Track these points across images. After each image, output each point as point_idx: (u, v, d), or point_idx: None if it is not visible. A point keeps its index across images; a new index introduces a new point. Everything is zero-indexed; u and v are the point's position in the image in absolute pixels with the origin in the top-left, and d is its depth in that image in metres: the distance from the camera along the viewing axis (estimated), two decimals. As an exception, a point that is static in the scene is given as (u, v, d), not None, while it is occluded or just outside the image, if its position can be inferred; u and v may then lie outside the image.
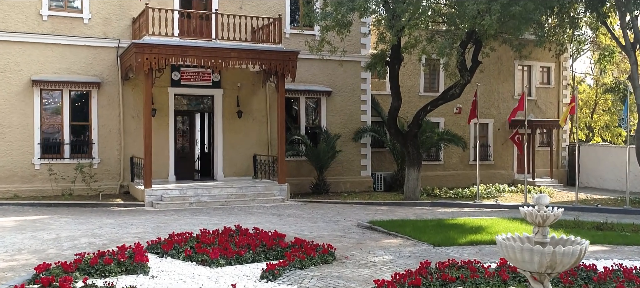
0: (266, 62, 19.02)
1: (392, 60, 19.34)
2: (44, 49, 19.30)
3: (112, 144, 20.12)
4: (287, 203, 18.99)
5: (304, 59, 22.01)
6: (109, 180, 20.05)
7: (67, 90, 19.59)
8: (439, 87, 26.56)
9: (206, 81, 21.19)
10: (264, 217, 15.77)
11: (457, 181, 26.58)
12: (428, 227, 13.80)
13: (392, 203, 19.84)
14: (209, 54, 18.26)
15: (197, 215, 16.00)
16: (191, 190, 18.46)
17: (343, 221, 15.22)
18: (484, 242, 12.17)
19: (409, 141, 19.92)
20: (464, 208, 19.27)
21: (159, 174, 20.43)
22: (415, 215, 17.07)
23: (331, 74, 23.22)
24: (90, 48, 19.81)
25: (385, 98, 25.42)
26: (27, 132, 19.13)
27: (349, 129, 23.55)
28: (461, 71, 18.63)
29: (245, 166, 21.78)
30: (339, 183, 23.09)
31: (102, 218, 15.19)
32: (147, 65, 17.50)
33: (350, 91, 23.59)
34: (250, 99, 21.89)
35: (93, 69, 19.88)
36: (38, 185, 19.15)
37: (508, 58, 27.87)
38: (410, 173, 19.98)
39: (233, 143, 21.63)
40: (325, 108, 23.21)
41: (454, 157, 26.91)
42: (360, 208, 18.65)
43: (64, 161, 19.48)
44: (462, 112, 26.81)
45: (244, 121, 21.72)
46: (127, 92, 20.27)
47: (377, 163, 24.94)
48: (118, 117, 20.14)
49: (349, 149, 23.03)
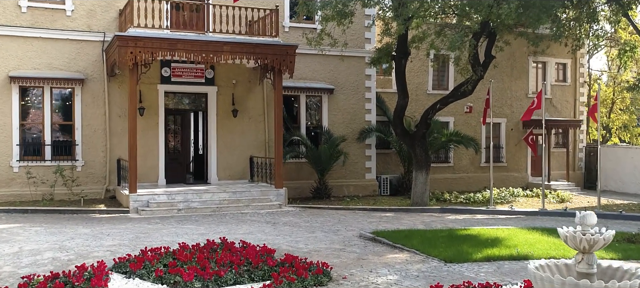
0: (262, 57, 17.57)
1: (398, 54, 17.85)
2: (23, 43, 17.93)
3: (97, 145, 18.73)
4: (284, 209, 17.54)
5: (304, 55, 20.59)
6: (94, 183, 18.65)
7: (49, 87, 18.21)
8: (449, 84, 25.05)
9: (199, 77, 19.77)
10: (256, 226, 14.32)
11: (467, 184, 25.09)
12: (438, 239, 12.30)
13: (399, 209, 18.35)
14: (199, 48, 16.83)
15: (184, 224, 14.57)
16: (180, 195, 17.04)
17: (344, 231, 13.74)
18: (503, 258, 10.68)
19: (417, 142, 18.42)
20: (476, 215, 17.78)
21: (148, 178, 19.05)
22: (424, 223, 15.58)
23: (333, 70, 21.76)
24: (73, 42, 18.43)
25: (391, 96, 23.94)
26: (5, 132, 17.76)
27: (353, 129, 22.09)
28: (474, 66, 17.12)
29: (241, 169, 20.35)
30: (341, 187, 21.62)
31: (78, 227, 13.78)
32: (132, 59, 16.09)
33: (354, 88, 22.11)
34: (247, 97, 20.46)
35: (76, 65, 18.49)
36: (16, 190, 17.78)
37: (521, 54, 26.34)
38: (418, 177, 18.49)
39: (228, 144, 20.20)
40: (327, 106, 21.75)
41: (464, 159, 25.39)
42: (363, 214, 17.18)
43: (44, 163, 18.10)
44: (473, 111, 25.30)
45: (240, 121, 20.29)
46: (113, 89, 18.87)
47: (382, 166, 23.47)
48: (103, 116, 18.75)
49: (353, 150, 21.55)
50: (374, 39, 22.29)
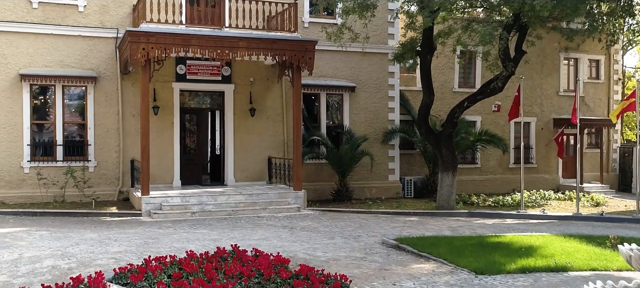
0: (280, 53, 16.77)
1: (423, 49, 16.90)
2: (34, 40, 17.39)
3: (110, 145, 18.11)
4: (302, 212, 16.72)
5: (324, 51, 19.78)
6: (107, 185, 18.04)
7: (60, 85, 17.64)
8: (476, 82, 24.01)
9: (215, 75, 19.05)
10: (273, 231, 13.52)
11: (495, 186, 24.02)
12: (467, 247, 11.36)
13: (424, 212, 17.41)
14: (214, 44, 16.08)
15: (197, 228, 13.83)
16: (195, 197, 16.32)
17: (365, 237, 12.87)
18: (539, 269, 9.71)
19: (443, 142, 17.46)
20: (506, 220, 16.76)
21: (163, 179, 18.40)
22: (451, 228, 14.63)
23: (355, 67, 20.89)
24: (85, 39, 17.84)
25: (415, 94, 22.99)
26: (15, 132, 17.23)
27: (375, 128, 21.18)
28: (504, 62, 16.10)
29: (259, 170, 19.58)
30: (363, 189, 20.74)
31: (85, 231, 13.12)
32: (144, 56, 15.41)
33: (376, 86, 21.21)
34: (265, 96, 19.68)
35: (89, 62, 17.90)
36: (27, 191, 17.23)
37: (552, 50, 25.19)
38: (444, 179, 17.53)
39: (245, 144, 19.45)
40: (348, 105, 20.88)
41: (492, 160, 24.30)
42: (386, 219, 16.28)
43: (56, 164, 17.52)
44: (501, 110, 24.21)
45: (258, 120, 19.53)
46: (126, 87, 18.24)
47: (406, 167, 22.53)
48: (117, 115, 18.13)
49: (375, 151, 20.63)
50: (397, 34, 21.36)
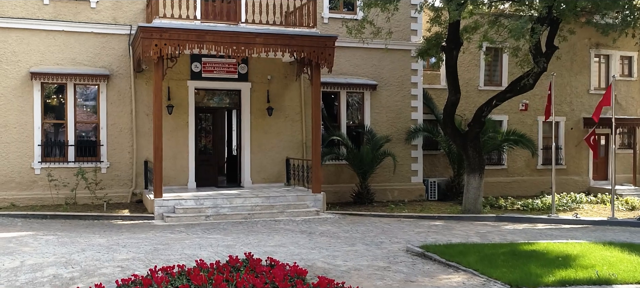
0: (298, 50, 16.05)
1: (449, 44, 16.05)
2: (45, 37, 16.88)
3: (123, 145, 17.55)
4: (322, 216, 15.97)
5: (344, 48, 19.06)
6: (120, 186, 17.48)
7: (72, 84, 17.13)
8: (502, 79, 23.06)
9: (231, 73, 18.39)
10: (290, 236, 12.79)
11: (523, 188, 23.06)
12: (499, 256, 10.50)
13: (449, 216, 16.55)
14: (230, 40, 15.41)
15: (211, 233, 13.15)
16: (209, 200, 15.66)
17: (388, 244, 12.08)
18: (580, 282, 8.83)
19: (469, 142, 16.59)
20: (536, 225, 15.84)
21: (177, 181, 17.81)
22: (479, 234, 13.77)
23: (376, 64, 20.09)
24: (98, 36, 17.30)
25: (438, 93, 22.15)
26: (26, 132, 16.74)
27: (397, 128, 20.36)
28: (535, 57, 15.18)
29: (276, 172, 18.88)
30: (385, 191, 19.94)
31: (94, 236, 12.51)
32: (157, 53, 14.80)
33: (399, 84, 20.39)
34: (283, 94, 18.98)
35: (101, 60, 17.36)
36: (38, 193, 16.73)
37: (582, 47, 24.15)
38: (470, 181, 16.66)
39: (262, 144, 18.77)
40: (370, 104, 20.09)
41: (519, 161, 23.33)
42: (410, 223, 15.47)
43: (67, 165, 17.00)
44: (528, 108, 23.27)
45: (275, 120, 18.84)
46: (140, 86, 17.67)
47: (429, 168, 21.68)
48: (130, 114, 17.56)
49: (398, 151, 19.80)
50: (421, 30, 20.53)
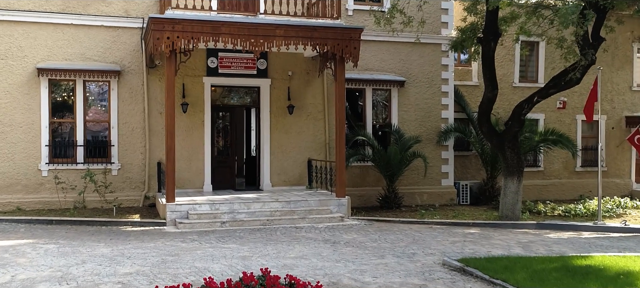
0: (321, 43, 14.85)
1: (486, 35, 14.71)
2: (53, 31, 15.94)
3: (136, 146, 16.53)
4: (346, 222, 14.76)
5: (370, 41, 17.86)
6: (131, 189, 16.47)
7: (81, 80, 16.15)
8: (538, 75, 21.63)
9: (250, 69, 17.27)
10: (312, 246, 11.60)
11: (560, 192, 21.59)
12: (550, 272, 9.19)
13: (485, 223, 15.22)
14: (247, 33, 14.28)
15: (226, 241, 12.02)
16: (226, 205, 14.54)
17: (421, 256, 10.84)
18: (653, 307, 7.55)
19: (507, 143, 15.24)
20: (582, 233, 14.44)
21: (193, 183, 16.76)
22: (520, 244, 12.44)
23: (404, 59, 18.82)
24: (108, 29, 16.31)
25: (470, 90, 20.80)
26: (33, 132, 15.80)
27: (427, 127, 19.06)
28: (583, 49, 13.78)
29: (298, 174, 17.72)
30: (413, 195, 18.65)
31: (98, 245, 11.47)
32: (169, 46, 13.72)
33: (428, 80, 19.08)
34: (304, 91, 17.81)
35: (112, 55, 16.36)
36: (46, 196, 15.79)
37: (624, 41, 22.57)
38: (508, 185, 15.31)
39: (283, 144, 17.63)
40: (397, 101, 18.81)
41: (557, 162, 21.85)
42: (442, 230, 14.18)
43: (76, 166, 16.03)
44: (566, 107, 21.81)
45: (296, 118, 17.68)
46: (153, 82, 16.64)
47: (460, 170, 20.33)
48: (142, 113, 16.54)
49: (427, 152, 18.46)
50: (452, 23, 19.20)
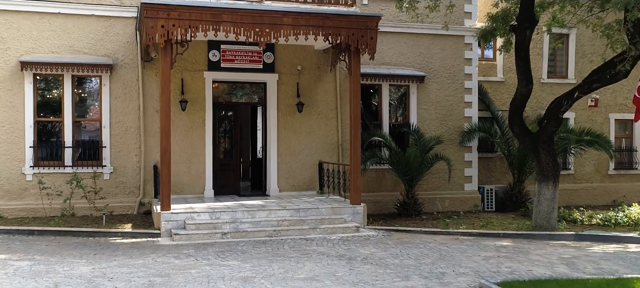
0: (333, 32, 13.30)
1: (521, 22, 13.08)
2: (39, 21, 14.50)
3: (130, 147, 15.06)
4: (362, 233, 13.19)
5: (386, 33, 16.36)
6: (125, 195, 15.00)
7: (69, 75, 14.69)
8: (568, 71, 20.00)
9: (255, 62, 15.77)
10: (325, 264, 10.04)
11: (591, 197, 19.93)
12: (614, 302, 7.63)
13: (517, 234, 13.58)
14: (252, 20, 12.74)
15: (225, 257, 10.48)
16: (227, 213, 13.02)
17: (452, 276, 9.26)
18: None
19: (542, 144, 13.62)
20: (628, 246, 12.77)
21: (192, 189, 15.28)
22: (563, 260, 10.82)
23: (424, 52, 17.24)
24: (100, 19, 14.86)
25: (495, 86, 19.21)
26: (16, 132, 14.35)
27: (448, 127, 17.47)
28: (633, 38, 12.12)
29: (308, 178, 16.18)
30: (434, 201, 17.07)
31: (79, 262, 9.97)
32: (163, 35, 12.23)
33: (450, 75, 17.49)
34: (315, 87, 16.28)
35: (104, 47, 14.91)
36: (30, 202, 14.34)
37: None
38: (542, 191, 13.69)
39: (291, 145, 16.10)
40: (416, 98, 17.23)
41: (588, 165, 20.17)
42: (471, 243, 12.58)
43: (64, 170, 14.58)
44: (598, 104, 20.16)
45: (306, 117, 16.14)
46: (149, 77, 15.17)
47: (484, 173, 18.72)
48: (137, 111, 15.07)
49: (449, 154, 16.85)
50: (476, 12, 17.61)
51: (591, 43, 19.59)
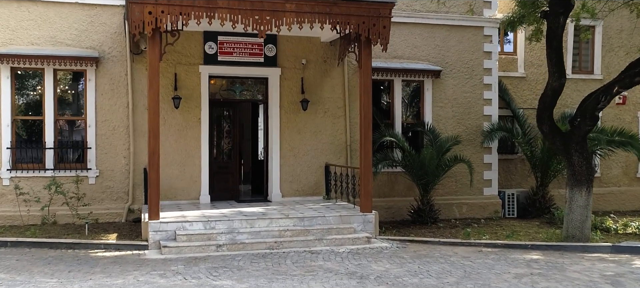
0: (342, 20, 11.92)
1: (553, 7, 11.67)
2: (17, 9, 13.21)
3: (117, 149, 13.74)
4: (374, 245, 11.79)
5: (399, 24, 14.97)
6: (113, 201, 13.68)
7: (51, 69, 13.39)
8: (594, 66, 18.58)
9: (256, 55, 14.43)
10: (332, 283, 8.65)
11: (619, 202, 18.53)
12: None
13: (547, 245, 12.14)
14: (251, 8, 11.39)
15: (219, 276, 9.11)
16: (223, 222, 11.66)
17: (484, 302, 7.86)
18: None
19: (574, 145, 12.21)
20: (674, 259, 11.35)
21: (187, 194, 13.96)
22: (606, 278, 9.40)
23: (440, 45, 15.86)
24: (84, 8, 13.58)
25: (516, 82, 17.85)
26: (-8, 131, 13.07)
27: (466, 126, 16.08)
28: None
29: (313, 182, 14.82)
30: (450, 206, 15.70)
31: (48, 281, 8.63)
32: (151, 23, 10.89)
33: (468, 70, 16.10)
34: (321, 83, 14.92)
35: (89, 39, 13.60)
36: (7, 209, 13.05)
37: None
38: (575, 197, 12.28)
39: (295, 147, 14.74)
40: (431, 95, 15.85)
41: (615, 167, 18.74)
42: (497, 256, 11.17)
43: (45, 174, 13.27)
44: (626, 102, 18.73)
45: (312, 115, 14.79)
46: (139, 72, 13.85)
47: (503, 176, 17.33)
48: (126, 108, 13.75)
49: (467, 155, 15.45)
50: (496, 2, 16.20)
51: (618, 36, 18.21)
